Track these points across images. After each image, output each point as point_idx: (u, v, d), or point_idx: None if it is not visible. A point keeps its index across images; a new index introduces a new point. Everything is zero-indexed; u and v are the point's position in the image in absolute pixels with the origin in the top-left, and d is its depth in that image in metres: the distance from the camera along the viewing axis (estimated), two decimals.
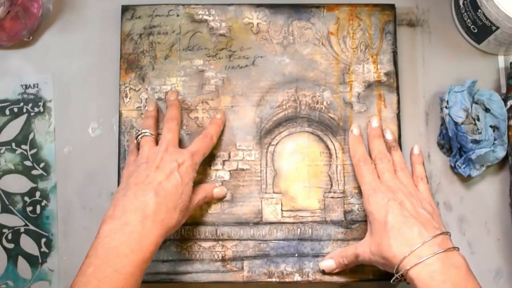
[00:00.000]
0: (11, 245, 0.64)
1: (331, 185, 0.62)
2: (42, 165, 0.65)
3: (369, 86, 0.64)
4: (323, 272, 0.60)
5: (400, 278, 0.52)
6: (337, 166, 0.63)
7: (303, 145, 0.63)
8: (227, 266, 0.61)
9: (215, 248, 0.61)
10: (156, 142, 0.59)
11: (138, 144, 0.59)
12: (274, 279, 0.61)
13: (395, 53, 0.65)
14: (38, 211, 0.64)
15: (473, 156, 0.61)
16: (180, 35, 0.65)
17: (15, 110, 0.66)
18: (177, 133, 0.59)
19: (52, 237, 0.64)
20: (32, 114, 0.66)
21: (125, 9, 0.66)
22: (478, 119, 0.62)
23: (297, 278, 0.61)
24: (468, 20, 0.65)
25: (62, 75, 0.67)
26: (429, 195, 0.58)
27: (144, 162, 0.55)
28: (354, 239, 0.61)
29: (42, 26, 0.68)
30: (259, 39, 0.65)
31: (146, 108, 0.63)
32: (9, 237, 0.64)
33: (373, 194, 0.56)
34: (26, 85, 0.67)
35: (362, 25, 0.65)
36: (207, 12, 0.66)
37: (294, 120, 0.64)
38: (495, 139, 0.62)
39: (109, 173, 0.64)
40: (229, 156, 0.63)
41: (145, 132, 0.58)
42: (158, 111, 0.63)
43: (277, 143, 0.63)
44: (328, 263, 0.59)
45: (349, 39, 0.65)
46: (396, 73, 0.65)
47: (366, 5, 0.66)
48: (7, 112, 0.66)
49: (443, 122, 0.64)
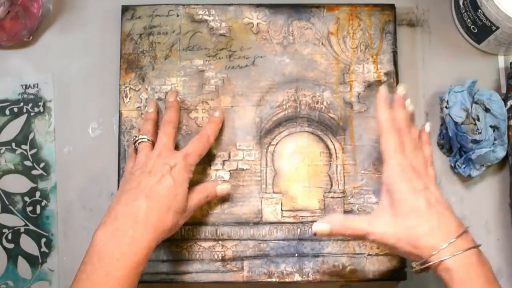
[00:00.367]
0: (11, 245, 0.64)
1: (331, 185, 0.62)
2: (42, 165, 0.65)
3: (369, 86, 0.64)
4: (314, 235, 0.53)
5: (421, 269, 0.50)
6: (337, 166, 0.63)
7: (303, 145, 0.63)
8: (227, 266, 0.61)
9: (215, 248, 0.61)
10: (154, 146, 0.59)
11: (136, 149, 0.59)
12: (274, 279, 0.61)
13: (395, 53, 0.65)
14: (38, 211, 0.64)
15: (473, 156, 0.61)
16: (180, 35, 0.65)
17: (15, 110, 0.66)
18: (173, 137, 0.58)
19: (52, 237, 0.64)
20: (32, 114, 0.66)
21: (125, 9, 0.66)
22: (478, 119, 0.62)
23: (297, 278, 0.61)
24: (468, 20, 0.65)
25: (62, 75, 0.67)
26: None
27: (139, 169, 0.55)
28: (354, 239, 0.61)
29: (42, 26, 0.68)
30: (259, 39, 0.65)
31: (146, 109, 0.62)
32: (9, 237, 0.64)
33: (402, 173, 0.52)
34: (26, 85, 0.67)
35: (362, 25, 0.65)
36: (207, 12, 0.66)
37: (294, 120, 0.64)
38: (495, 139, 0.62)
39: (109, 173, 0.64)
40: (229, 156, 0.63)
41: (143, 138, 0.58)
42: (158, 112, 0.63)
43: (277, 143, 0.63)
44: (322, 227, 0.53)
45: (349, 39, 0.65)
46: (396, 73, 0.65)
47: (366, 5, 0.66)
48: (7, 112, 0.66)
49: (443, 122, 0.64)
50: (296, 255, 0.61)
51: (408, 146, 0.54)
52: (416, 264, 0.50)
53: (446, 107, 0.63)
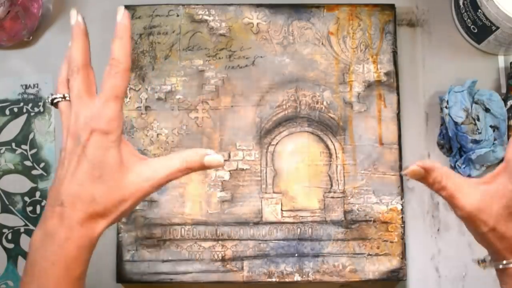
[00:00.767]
0: (11, 245, 0.64)
1: (331, 185, 0.62)
2: (42, 165, 0.65)
3: (369, 86, 0.64)
4: (405, 175, 0.44)
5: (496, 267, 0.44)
6: (337, 166, 0.63)
7: (303, 145, 0.63)
8: (227, 266, 0.61)
9: (215, 248, 0.61)
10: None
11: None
12: (274, 279, 0.61)
13: (395, 53, 0.65)
14: (38, 211, 0.64)
15: (473, 156, 0.61)
16: (180, 35, 0.65)
17: (15, 110, 0.66)
18: (86, 83, 0.48)
19: None
20: (32, 114, 0.66)
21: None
22: (478, 119, 0.62)
23: (297, 278, 0.61)
24: (468, 20, 0.65)
25: None
26: None
27: (60, 151, 0.45)
28: (354, 239, 0.61)
29: (42, 26, 0.68)
30: (259, 39, 0.65)
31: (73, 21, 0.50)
32: (9, 237, 0.64)
33: None
34: (26, 85, 0.67)
35: (362, 25, 0.65)
36: (207, 12, 0.66)
37: (294, 120, 0.64)
38: (495, 139, 0.62)
39: None
40: (229, 156, 0.63)
41: (56, 97, 0.47)
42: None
43: (277, 143, 0.63)
44: (416, 170, 0.43)
45: (349, 39, 0.65)
46: (396, 73, 0.65)
47: (366, 5, 0.66)
48: (7, 112, 0.66)
49: (443, 122, 0.64)
50: (296, 255, 0.61)
51: None
52: (498, 263, 0.44)
53: (446, 107, 0.63)
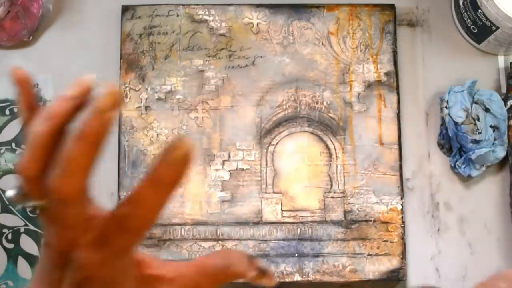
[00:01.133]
0: (11, 245, 0.64)
1: (331, 185, 0.62)
2: None
3: (369, 86, 0.64)
4: None
5: None
6: (337, 166, 0.63)
7: (303, 145, 0.63)
8: None
9: (215, 248, 0.61)
10: None
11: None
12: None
13: (395, 53, 0.65)
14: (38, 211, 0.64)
15: (473, 156, 0.61)
16: (180, 35, 0.65)
17: (15, 110, 0.66)
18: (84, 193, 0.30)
19: None
20: None
21: (125, 9, 0.66)
22: (478, 119, 0.62)
23: (297, 278, 0.61)
24: (468, 20, 0.65)
25: (62, 75, 0.67)
26: None
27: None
28: (354, 239, 0.61)
29: (42, 26, 0.68)
30: (259, 39, 0.65)
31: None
32: (9, 237, 0.64)
33: None
34: None
35: (362, 25, 0.65)
36: (207, 12, 0.66)
37: (294, 120, 0.64)
38: (495, 139, 0.62)
39: (109, 173, 0.64)
40: (229, 156, 0.63)
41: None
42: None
43: (277, 143, 0.63)
44: None
45: (349, 39, 0.65)
46: (396, 73, 0.65)
47: (366, 5, 0.66)
48: (7, 112, 0.66)
49: (443, 122, 0.64)
50: (296, 255, 0.61)
51: None
52: None
53: (446, 107, 0.63)
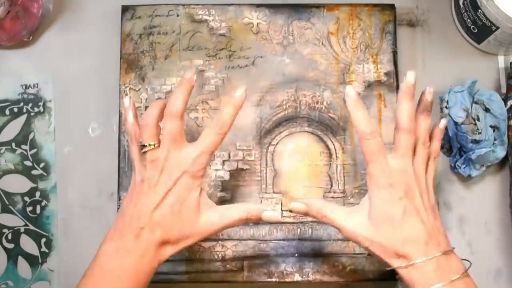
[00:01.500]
0: (11, 245, 0.64)
1: (331, 185, 0.62)
2: (42, 165, 0.65)
3: (369, 86, 0.64)
4: (290, 211, 0.54)
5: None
6: (337, 166, 0.63)
7: (303, 145, 0.63)
8: (227, 266, 0.61)
9: (215, 248, 0.61)
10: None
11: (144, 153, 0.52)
12: (274, 279, 0.61)
13: (395, 53, 0.65)
14: (38, 211, 0.64)
15: (473, 156, 0.61)
16: (180, 35, 0.65)
17: (15, 110, 0.66)
18: (180, 128, 0.51)
19: (52, 237, 0.64)
20: (32, 114, 0.66)
21: (125, 9, 0.66)
22: (478, 119, 0.62)
23: (297, 278, 0.61)
24: (468, 20, 0.65)
25: (62, 75, 0.67)
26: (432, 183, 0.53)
27: (146, 180, 0.51)
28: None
29: (42, 26, 0.68)
30: (259, 39, 0.65)
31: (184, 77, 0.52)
32: (9, 237, 0.64)
33: (387, 179, 0.50)
34: (26, 85, 0.67)
35: (362, 25, 0.65)
36: (207, 12, 0.66)
37: (294, 120, 0.64)
38: (495, 139, 0.62)
39: (109, 173, 0.64)
40: (229, 156, 0.63)
41: (150, 145, 0.51)
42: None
43: (277, 143, 0.63)
44: (300, 207, 0.53)
45: (349, 39, 0.65)
46: (396, 73, 0.65)
47: (366, 5, 0.66)
48: (7, 112, 0.66)
49: None
50: (296, 255, 0.61)
51: (420, 163, 0.51)
52: (388, 269, 0.50)
53: (446, 107, 0.63)
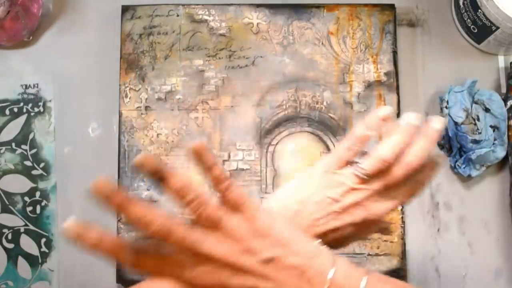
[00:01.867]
0: (11, 245, 0.64)
1: None
2: (42, 165, 0.65)
3: (369, 86, 0.64)
4: None
5: None
6: None
7: (303, 145, 0.63)
8: None
9: None
10: None
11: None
12: None
13: (395, 53, 0.65)
14: (38, 211, 0.64)
15: (473, 156, 0.61)
16: (180, 35, 0.65)
17: (15, 110, 0.66)
18: None
19: (52, 237, 0.64)
20: (32, 114, 0.66)
21: (125, 9, 0.66)
22: (478, 119, 0.62)
23: None
24: (468, 20, 0.65)
25: (62, 75, 0.67)
26: None
27: None
28: None
29: (42, 26, 0.68)
30: (259, 39, 0.65)
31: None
32: (9, 237, 0.64)
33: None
34: (26, 85, 0.67)
35: (362, 25, 0.65)
36: (207, 12, 0.66)
37: (294, 120, 0.64)
38: (495, 139, 0.62)
39: (109, 173, 0.64)
40: (229, 156, 0.63)
41: None
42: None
43: (277, 143, 0.63)
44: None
45: (349, 39, 0.65)
46: (396, 73, 0.65)
47: (366, 5, 0.66)
48: (7, 112, 0.66)
49: None
50: None
51: None
52: None
53: (446, 107, 0.63)
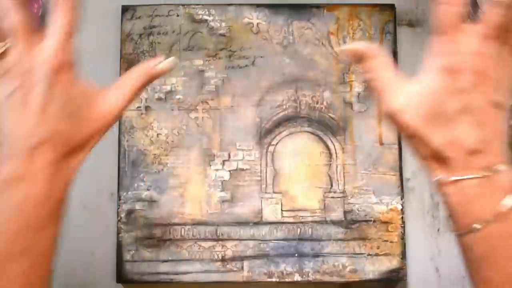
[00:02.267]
0: None
1: (331, 185, 0.62)
2: None
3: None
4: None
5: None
6: (337, 166, 0.63)
7: (303, 145, 0.63)
8: (227, 266, 0.61)
9: (215, 248, 0.61)
10: None
11: None
12: (274, 279, 0.61)
13: (395, 53, 0.65)
14: None
15: None
16: (180, 35, 0.65)
17: None
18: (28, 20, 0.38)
19: None
20: None
21: (125, 9, 0.66)
22: None
23: (297, 278, 0.61)
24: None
25: None
26: None
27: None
28: (354, 239, 0.61)
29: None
30: (259, 39, 0.65)
31: None
32: None
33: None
34: None
35: (362, 25, 0.65)
36: (207, 12, 0.66)
37: (294, 120, 0.64)
38: None
39: (109, 173, 0.64)
40: (229, 156, 0.63)
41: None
42: None
43: (277, 143, 0.63)
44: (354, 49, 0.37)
45: (349, 39, 0.65)
46: None
47: (366, 5, 0.66)
48: None
49: None
50: (296, 255, 0.61)
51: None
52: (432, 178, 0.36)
53: None
